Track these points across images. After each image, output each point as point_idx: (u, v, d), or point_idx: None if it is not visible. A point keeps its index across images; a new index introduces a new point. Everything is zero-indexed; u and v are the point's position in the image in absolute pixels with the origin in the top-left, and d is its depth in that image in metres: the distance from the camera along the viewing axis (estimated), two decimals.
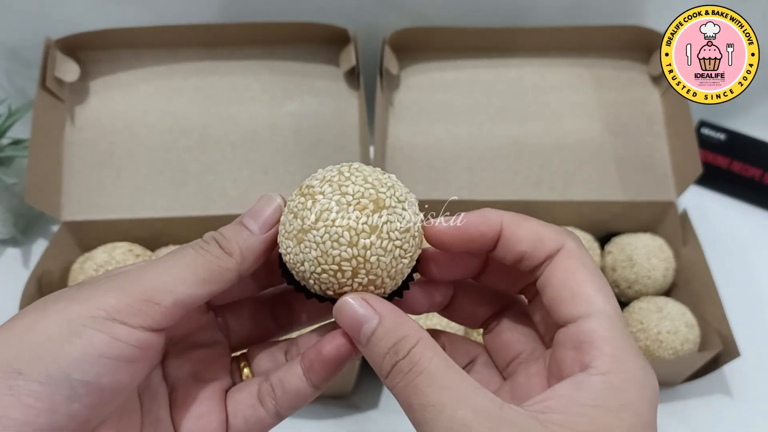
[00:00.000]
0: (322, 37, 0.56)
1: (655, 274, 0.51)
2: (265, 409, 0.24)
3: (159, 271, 0.21)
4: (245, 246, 0.23)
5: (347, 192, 0.22)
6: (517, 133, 0.57)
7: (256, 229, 0.23)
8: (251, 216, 0.23)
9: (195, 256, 0.22)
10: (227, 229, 0.23)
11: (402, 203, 0.23)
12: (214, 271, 0.22)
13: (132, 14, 0.57)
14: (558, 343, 0.22)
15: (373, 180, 0.22)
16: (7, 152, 0.55)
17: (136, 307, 0.20)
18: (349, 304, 0.22)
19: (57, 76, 0.53)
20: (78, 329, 0.19)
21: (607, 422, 0.19)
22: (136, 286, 0.20)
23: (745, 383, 0.50)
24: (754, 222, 0.62)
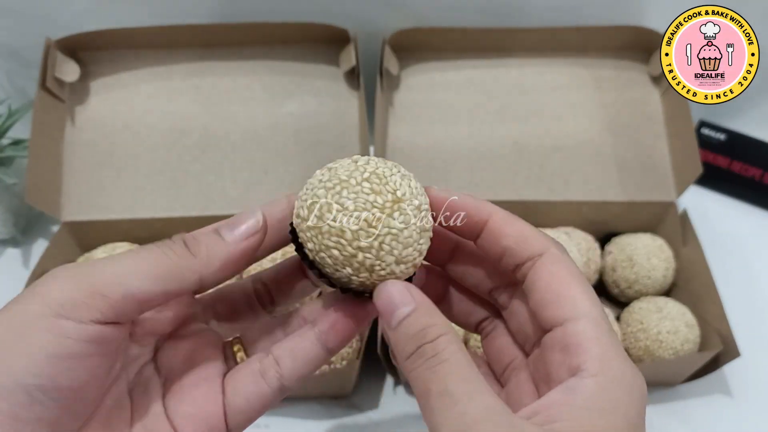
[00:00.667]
0: (322, 38, 0.56)
1: (655, 274, 0.51)
2: (268, 384, 0.24)
3: (113, 263, 0.20)
4: (213, 251, 0.22)
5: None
6: (517, 133, 0.57)
7: (229, 237, 0.23)
8: (228, 225, 0.23)
9: (156, 252, 0.21)
10: (200, 232, 0.23)
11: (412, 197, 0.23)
12: (173, 269, 0.21)
13: (132, 14, 0.57)
14: (545, 346, 0.22)
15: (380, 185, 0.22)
16: (7, 152, 0.55)
17: (82, 300, 0.19)
18: (391, 287, 0.22)
19: (57, 77, 0.53)
20: (23, 331, 0.18)
21: (599, 424, 0.19)
22: (85, 279, 0.20)
23: (745, 383, 0.50)
24: (754, 222, 0.62)
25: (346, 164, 0.23)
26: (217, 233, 0.23)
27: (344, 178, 0.22)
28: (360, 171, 0.22)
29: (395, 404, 0.48)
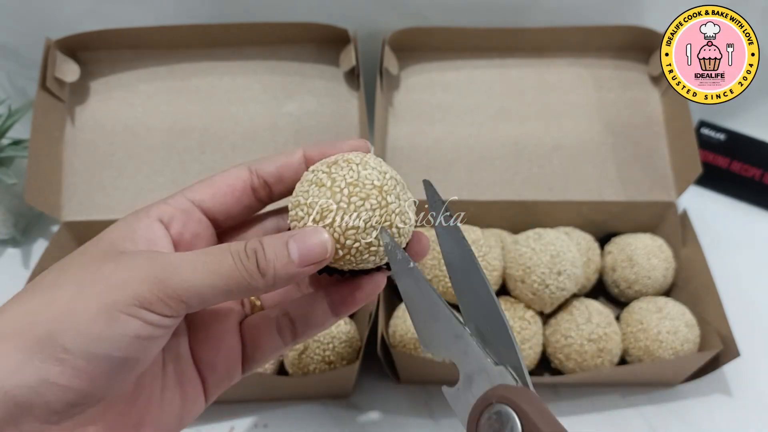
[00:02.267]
0: (322, 38, 0.56)
1: (655, 274, 0.51)
2: (283, 341, 0.28)
3: (195, 272, 0.23)
4: (280, 274, 0.24)
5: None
6: (517, 133, 0.57)
7: (296, 259, 0.24)
8: (300, 246, 0.24)
9: (231, 267, 0.23)
10: (270, 247, 0.24)
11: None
12: (242, 287, 0.23)
13: (132, 14, 0.57)
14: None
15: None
16: (7, 152, 0.55)
17: (166, 302, 0.22)
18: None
19: (57, 77, 0.53)
20: (116, 315, 0.21)
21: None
22: (170, 283, 0.22)
23: (744, 383, 0.50)
24: (754, 222, 0.62)
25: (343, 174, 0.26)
26: (287, 251, 0.24)
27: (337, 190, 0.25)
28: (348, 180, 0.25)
29: (395, 404, 0.48)
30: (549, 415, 0.23)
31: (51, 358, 0.21)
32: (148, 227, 0.25)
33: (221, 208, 0.27)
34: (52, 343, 0.21)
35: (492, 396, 0.23)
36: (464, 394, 0.24)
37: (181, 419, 0.27)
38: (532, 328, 0.46)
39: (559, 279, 0.46)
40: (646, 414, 0.48)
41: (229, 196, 0.27)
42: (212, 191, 0.27)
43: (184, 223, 0.26)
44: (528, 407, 0.22)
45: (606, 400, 0.49)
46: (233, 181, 0.27)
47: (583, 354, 0.46)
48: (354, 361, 0.45)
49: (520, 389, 0.23)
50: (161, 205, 0.26)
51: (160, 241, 0.25)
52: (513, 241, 0.50)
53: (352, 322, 0.48)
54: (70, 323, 0.21)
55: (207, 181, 0.28)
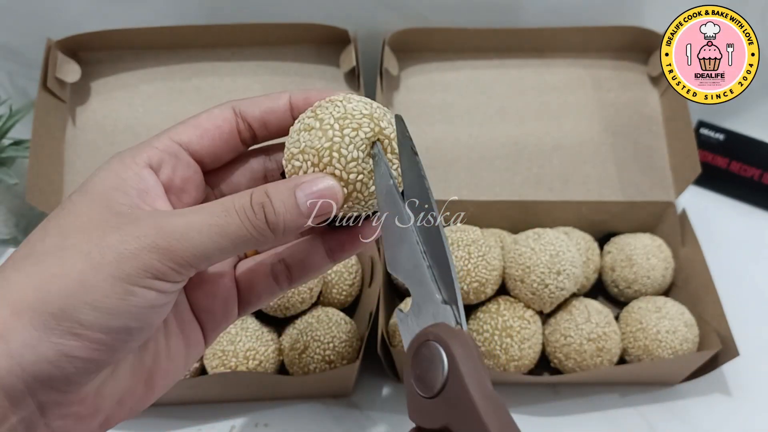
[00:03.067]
0: (322, 38, 0.57)
1: (654, 274, 0.51)
2: (279, 285, 0.29)
3: (202, 236, 0.22)
4: (291, 227, 0.23)
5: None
6: (516, 134, 0.57)
7: (305, 209, 0.23)
8: (305, 191, 0.23)
9: (239, 226, 0.23)
10: (278, 199, 0.23)
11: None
12: (252, 244, 0.23)
13: (133, 15, 0.57)
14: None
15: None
16: (8, 153, 0.55)
17: (177, 270, 0.22)
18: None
19: (58, 77, 0.53)
20: (130, 289, 0.22)
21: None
22: (179, 252, 0.22)
23: (744, 383, 0.50)
24: (753, 222, 0.63)
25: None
26: (296, 201, 0.23)
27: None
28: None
29: (395, 404, 0.48)
30: (477, 363, 0.23)
31: (68, 334, 0.21)
32: (137, 175, 0.24)
33: (209, 150, 0.27)
34: (68, 319, 0.21)
35: (430, 333, 0.24)
36: (412, 322, 0.25)
37: (186, 364, 0.27)
38: (531, 328, 0.46)
39: (558, 279, 0.46)
40: (645, 413, 0.48)
41: (217, 138, 0.26)
42: (199, 133, 0.26)
43: (173, 167, 0.26)
44: (460, 354, 0.23)
45: (605, 400, 0.49)
46: (220, 122, 0.27)
47: (582, 353, 0.46)
48: (354, 361, 0.45)
49: (458, 333, 0.24)
50: (147, 148, 0.25)
51: (152, 191, 0.25)
52: (513, 240, 0.50)
53: (352, 322, 0.48)
54: (85, 298, 0.21)
55: (191, 121, 0.27)
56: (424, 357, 0.23)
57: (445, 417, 0.22)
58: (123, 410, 0.25)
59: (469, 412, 0.22)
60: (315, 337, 0.45)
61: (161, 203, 0.25)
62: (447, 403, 0.22)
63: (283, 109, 0.27)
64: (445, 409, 0.22)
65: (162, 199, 0.25)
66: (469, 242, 0.46)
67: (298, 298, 0.46)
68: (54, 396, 0.22)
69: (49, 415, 0.22)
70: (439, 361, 0.23)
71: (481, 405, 0.22)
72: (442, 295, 0.25)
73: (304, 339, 0.45)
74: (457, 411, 0.22)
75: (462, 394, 0.22)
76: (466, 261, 0.46)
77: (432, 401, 0.23)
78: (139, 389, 0.25)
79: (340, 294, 0.49)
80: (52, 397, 0.22)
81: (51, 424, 0.22)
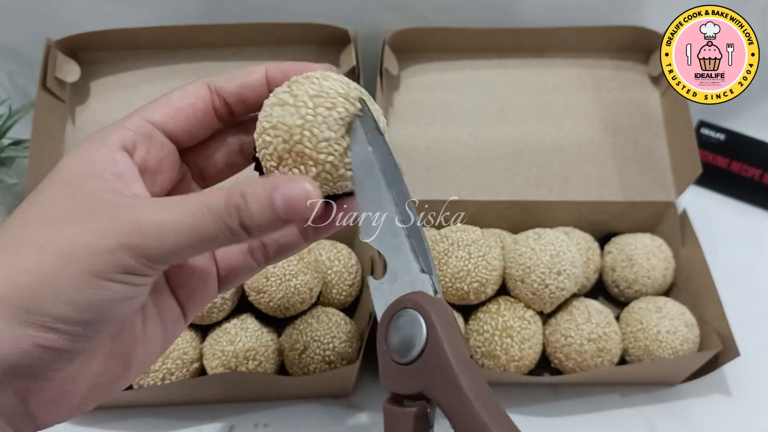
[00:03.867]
0: (322, 38, 0.57)
1: (655, 274, 0.51)
2: (256, 261, 0.29)
3: (177, 236, 0.22)
4: (264, 228, 0.23)
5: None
6: (516, 134, 0.57)
7: (282, 212, 0.23)
8: (282, 194, 0.23)
9: (214, 228, 0.22)
10: (254, 201, 0.23)
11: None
12: (225, 243, 0.23)
13: (133, 15, 0.57)
14: None
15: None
16: (7, 153, 0.55)
17: (150, 266, 0.22)
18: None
19: (58, 77, 0.53)
20: (104, 284, 0.22)
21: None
22: (153, 250, 0.22)
23: (744, 383, 0.50)
24: (753, 222, 0.62)
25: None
26: (272, 204, 0.23)
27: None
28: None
29: None
30: (455, 330, 0.23)
31: (42, 327, 0.21)
32: (110, 158, 0.24)
33: (183, 129, 0.26)
34: (41, 312, 0.21)
35: (408, 300, 0.24)
36: (386, 289, 0.25)
37: (164, 344, 0.27)
38: (531, 328, 0.46)
39: (558, 279, 0.46)
40: (646, 413, 0.48)
41: (191, 116, 0.26)
42: (172, 112, 0.26)
43: (147, 148, 0.25)
44: (438, 321, 0.23)
45: (605, 400, 0.49)
46: (194, 100, 0.26)
47: (582, 354, 0.46)
48: (354, 361, 0.45)
49: (437, 301, 0.24)
50: (119, 129, 0.25)
51: (126, 174, 0.24)
52: (513, 241, 0.50)
53: (352, 322, 0.48)
54: (58, 293, 0.21)
55: (163, 100, 0.26)
56: (401, 324, 0.24)
57: (421, 383, 0.23)
58: (99, 392, 0.25)
59: (447, 377, 0.22)
60: (315, 337, 0.45)
61: (137, 187, 0.24)
62: (424, 368, 0.23)
63: (260, 82, 0.27)
64: (422, 374, 0.23)
65: (138, 182, 0.24)
66: (469, 242, 0.46)
67: (298, 298, 0.46)
68: (31, 384, 0.22)
69: (27, 402, 0.22)
70: (417, 327, 0.23)
71: (460, 371, 0.22)
72: (420, 264, 0.25)
73: (304, 339, 0.45)
74: (434, 376, 0.22)
75: (440, 359, 0.22)
76: (466, 261, 0.46)
77: (408, 367, 0.23)
78: (115, 372, 0.25)
79: (340, 294, 0.49)
80: (30, 385, 0.22)
81: (29, 409, 0.22)
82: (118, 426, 0.46)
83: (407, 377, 0.23)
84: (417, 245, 0.25)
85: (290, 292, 0.45)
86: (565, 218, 0.55)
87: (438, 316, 0.23)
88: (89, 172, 0.23)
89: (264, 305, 0.46)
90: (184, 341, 0.45)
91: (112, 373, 0.25)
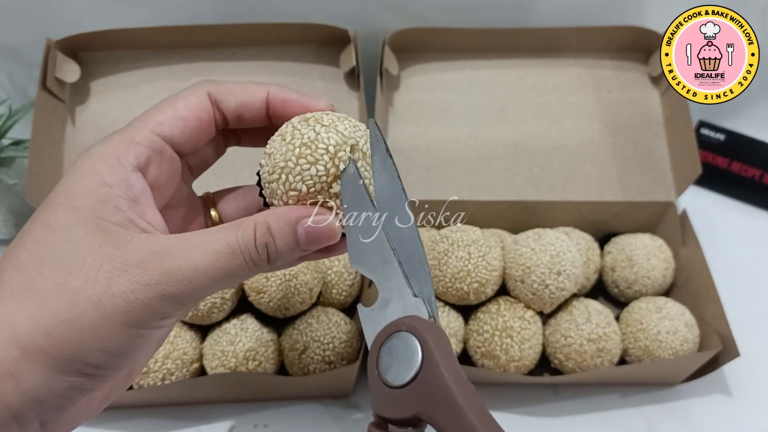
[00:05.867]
0: (322, 38, 0.57)
1: (655, 275, 0.51)
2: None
3: (208, 278, 0.23)
4: (286, 261, 0.25)
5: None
6: (516, 134, 0.57)
7: (303, 245, 0.24)
8: (308, 231, 0.24)
9: (242, 266, 0.23)
10: (280, 237, 0.24)
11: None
12: (247, 276, 0.24)
13: (133, 15, 0.57)
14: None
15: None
16: (7, 153, 0.55)
17: (180, 308, 0.23)
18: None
19: (58, 77, 0.53)
20: (141, 332, 0.22)
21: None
22: (186, 295, 0.22)
23: (744, 383, 0.50)
24: (753, 222, 0.62)
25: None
26: (296, 239, 0.24)
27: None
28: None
29: None
30: (450, 356, 0.23)
31: (79, 373, 0.22)
32: (125, 182, 0.23)
33: (190, 142, 0.26)
34: (80, 362, 0.22)
35: (402, 324, 0.24)
36: (377, 316, 0.25)
37: (162, 341, 0.27)
38: (531, 328, 0.46)
39: (558, 279, 0.46)
40: (646, 414, 0.48)
41: (197, 129, 0.26)
42: (181, 125, 0.26)
43: (159, 165, 0.25)
44: (434, 343, 0.23)
45: (605, 400, 0.49)
46: (200, 113, 0.26)
47: (582, 354, 0.46)
48: (354, 361, 0.45)
49: (432, 324, 0.24)
50: (131, 146, 0.24)
51: (142, 200, 0.24)
52: (513, 241, 0.50)
53: (352, 322, 0.48)
54: (97, 346, 0.22)
55: (170, 111, 0.26)
56: (394, 346, 0.24)
57: (416, 406, 0.22)
58: (106, 401, 0.26)
59: (446, 399, 0.22)
60: (315, 337, 0.45)
61: (151, 214, 0.24)
62: (419, 391, 0.23)
63: (259, 105, 0.27)
64: (417, 397, 0.23)
65: (152, 208, 0.25)
66: (469, 242, 0.46)
67: (298, 298, 0.46)
68: (57, 414, 0.23)
69: (47, 425, 0.23)
70: (412, 350, 0.23)
71: (459, 393, 0.22)
72: (412, 289, 0.25)
73: (303, 339, 0.45)
74: (430, 398, 0.22)
75: (437, 381, 0.22)
76: (466, 261, 0.46)
77: (401, 391, 0.23)
78: (122, 381, 0.26)
79: (340, 294, 0.49)
80: (55, 415, 0.23)
81: (47, 429, 0.23)
82: (118, 426, 0.46)
83: (400, 400, 0.23)
84: (413, 271, 0.25)
85: (290, 292, 0.45)
86: (565, 218, 0.55)
87: (433, 339, 0.23)
88: (107, 200, 0.23)
89: (264, 305, 0.46)
90: (184, 341, 0.45)
91: (120, 383, 0.26)
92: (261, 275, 0.45)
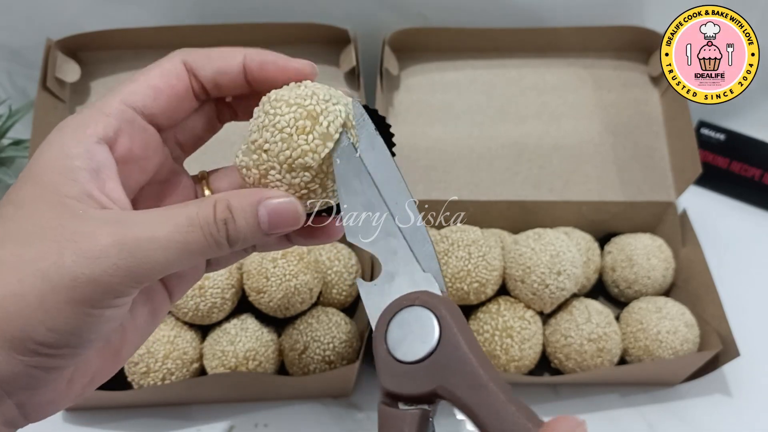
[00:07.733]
0: (322, 38, 0.56)
1: (655, 274, 0.51)
2: (246, 251, 0.29)
3: (166, 253, 0.22)
4: (248, 241, 0.24)
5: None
6: (516, 134, 0.57)
7: (266, 227, 0.23)
8: (269, 211, 0.23)
9: (201, 242, 0.22)
10: (240, 215, 0.23)
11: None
12: (208, 254, 0.23)
13: (133, 15, 0.57)
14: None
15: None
16: (7, 153, 0.55)
17: (137, 287, 0.22)
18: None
19: (58, 77, 0.53)
20: (90, 311, 0.21)
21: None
22: (143, 271, 0.22)
23: (744, 383, 0.50)
24: (753, 222, 0.62)
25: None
26: (257, 219, 0.23)
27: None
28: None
29: None
30: (469, 331, 0.23)
31: (31, 352, 0.21)
32: (87, 152, 0.23)
33: (164, 112, 0.25)
34: (30, 340, 0.21)
35: (415, 297, 0.23)
36: (380, 291, 0.24)
37: (152, 327, 0.27)
38: (531, 328, 0.46)
39: (558, 279, 0.46)
40: (646, 414, 0.48)
41: (173, 98, 0.25)
42: (153, 94, 0.25)
43: (131, 135, 0.24)
44: (451, 317, 0.22)
45: (605, 400, 0.49)
46: (174, 81, 0.25)
47: (582, 354, 0.46)
48: (354, 361, 0.45)
49: (447, 299, 0.24)
50: (98, 116, 0.23)
51: (103, 170, 0.23)
52: (513, 241, 0.50)
53: (352, 322, 0.48)
54: (44, 321, 0.21)
55: (142, 79, 0.25)
56: (406, 321, 0.23)
57: (433, 381, 0.22)
58: (93, 384, 0.25)
59: (469, 373, 0.21)
60: (315, 337, 0.45)
61: (111, 186, 0.23)
62: (437, 366, 0.22)
63: (237, 70, 0.26)
64: (435, 373, 0.22)
65: (113, 180, 0.23)
66: (469, 242, 0.46)
67: (298, 298, 0.46)
68: (29, 394, 0.22)
69: (25, 407, 0.23)
70: (428, 325, 0.22)
71: (480, 366, 0.21)
72: (420, 264, 0.24)
73: (304, 339, 0.45)
74: (450, 374, 0.22)
75: (458, 356, 0.22)
76: (466, 261, 0.46)
77: (416, 366, 0.22)
78: (108, 365, 0.26)
79: (340, 294, 0.49)
80: (28, 395, 0.22)
81: (28, 414, 0.23)
82: (118, 426, 0.46)
83: (415, 376, 0.22)
84: (419, 246, 0.25)
85: (290, 292, 0.45)
86: (565, 218, 0.55)
87: (449, 312, 0.23)
88: (64, 169, 0.22)
89: (264, 305, 0.46)
90: (184, 341, 0.45)
91: (105, 367, 0.25)
92: (261, 275, 0.45)
